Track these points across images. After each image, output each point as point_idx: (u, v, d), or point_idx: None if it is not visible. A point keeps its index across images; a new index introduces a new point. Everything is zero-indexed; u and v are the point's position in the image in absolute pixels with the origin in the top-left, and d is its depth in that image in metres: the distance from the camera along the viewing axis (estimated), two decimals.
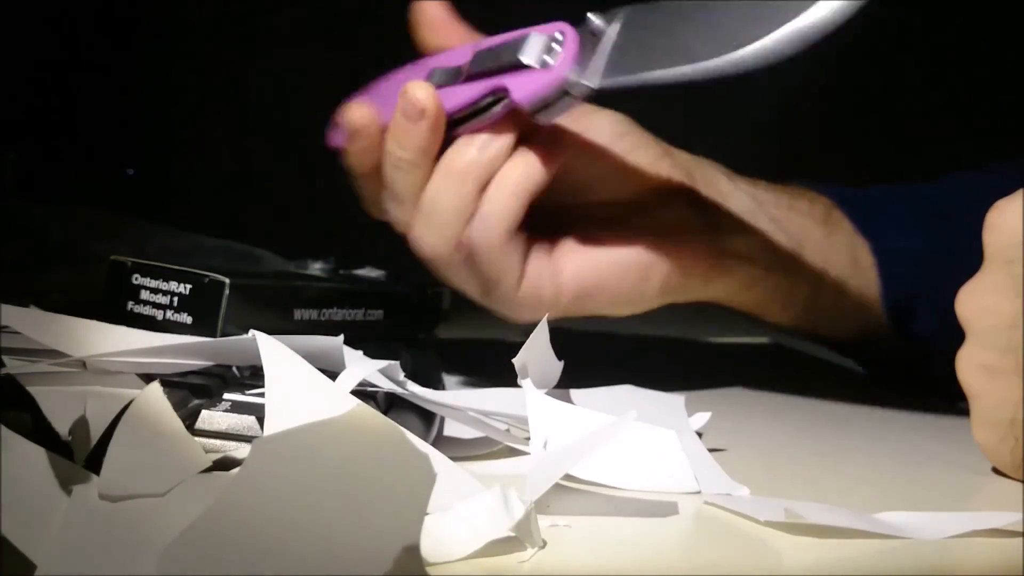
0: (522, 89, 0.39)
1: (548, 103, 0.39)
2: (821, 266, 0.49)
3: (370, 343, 0.34)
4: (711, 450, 0.35)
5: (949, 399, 0.37)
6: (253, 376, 0.32)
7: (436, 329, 0.48)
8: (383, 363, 0.32)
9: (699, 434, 0.36)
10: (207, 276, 0.35)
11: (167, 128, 1.04)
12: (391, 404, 0.32)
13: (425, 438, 0.32)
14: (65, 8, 0.89)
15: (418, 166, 0.40)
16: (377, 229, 0.43)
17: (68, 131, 0.92)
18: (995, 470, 0.34)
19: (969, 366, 0.33)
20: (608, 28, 0.38)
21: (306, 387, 0.27)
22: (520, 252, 0.41)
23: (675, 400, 0.37)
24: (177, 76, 1.04)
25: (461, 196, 0.40)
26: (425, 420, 0.33)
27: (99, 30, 0.95)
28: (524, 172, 0.40)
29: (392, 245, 0.43)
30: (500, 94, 0.39)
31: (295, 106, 1.05)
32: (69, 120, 0.92)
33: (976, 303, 0.33)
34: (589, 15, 0.39)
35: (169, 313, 0.35)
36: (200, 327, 0.35)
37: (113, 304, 0.36)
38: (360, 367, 0.31)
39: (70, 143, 0.92)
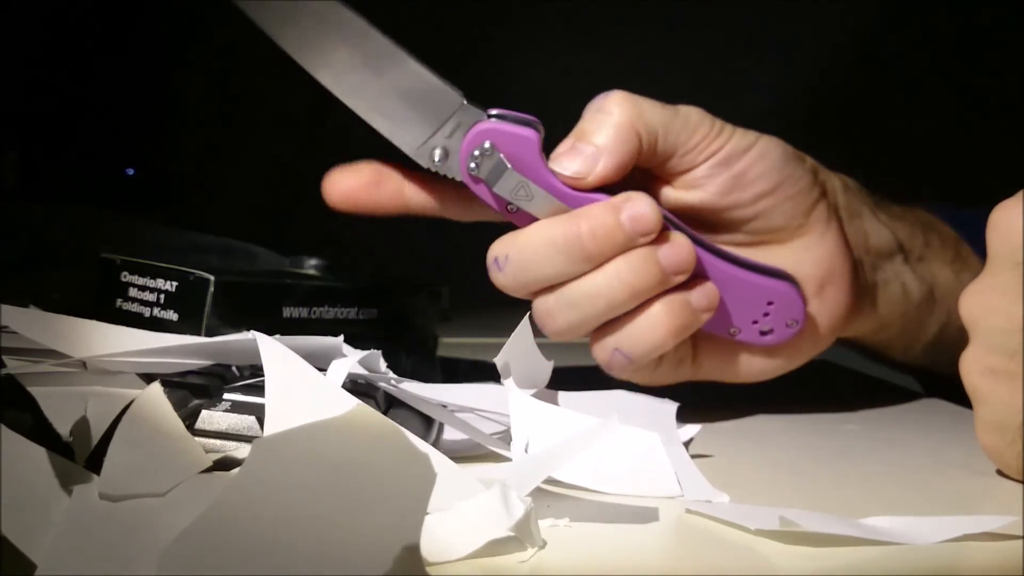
0: None
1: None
2: (946, 311, 0.47)
3: (368, 343, 0.34)
4: (702, 456, 0.35)
5: None
6: (253, 376, 0.32)
7: (436, 328, 0.48)
8: (362, 353, 0.31)
9: (689, 441, 0.36)
10: (192, 273, 0.35)
11: (167, 128, 1.04)
12: (391, 404, 0.32)
13: (425, 438, 0.32)
14: (65, 8, 0.89)
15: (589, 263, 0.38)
16: (375, 228, 0.43)
17: (68, 131, 0.92)
18: (999, 472, 0.34)
19: (975, 368, 0.33)
20: None
21: (306, 387, 0.27)
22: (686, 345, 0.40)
23: (666, 407, 0.37)
24: (177, 76, 1.04)
25: (618, 306, 0.38)
26: (425, 420, 0.33)
27: (99, 30, 0.95)
28: (676, 322, 0.38)
29: (390, 244, 0.43)
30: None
31: (296, 105, 1.05)
32: (69, 120, 0.92)
33: (982, 305, 0.33)
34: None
35: (156, 310, 0.35)
36: (185, 324, 0.35)
37: (103, 302, 0.36)
38: (344, 361, 0.31)
39: (70, 143, 0.92)
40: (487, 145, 0.37)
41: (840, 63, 1.01)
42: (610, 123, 0.38)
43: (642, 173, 0.40)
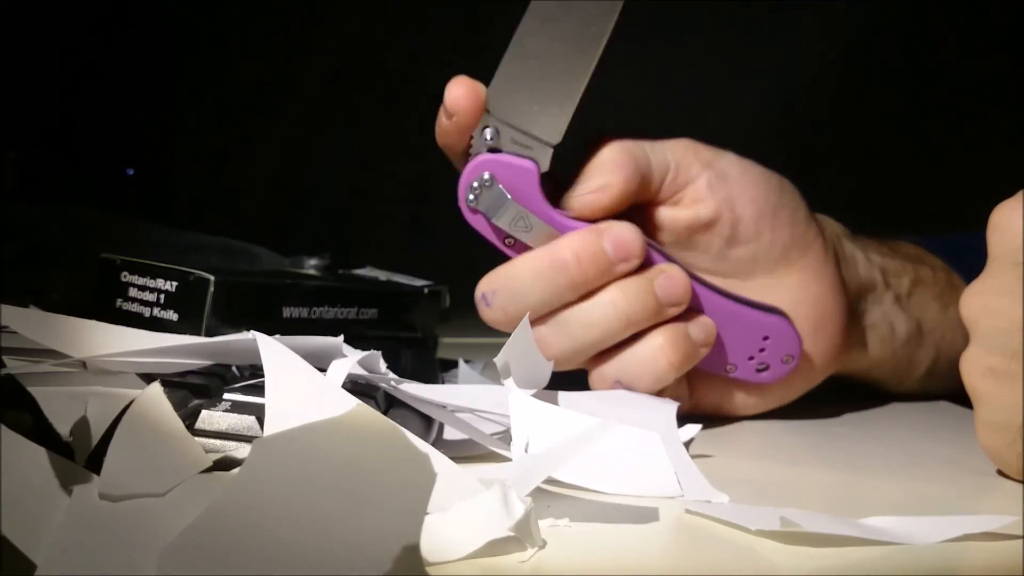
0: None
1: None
2: (935, 346, 0.48)
3: (368, 343, 0.34)
4: (702, 456, 0.35)
5: None
6: (253, 376, 0.32)
7: (436, 328, 0.48)
8: (362, 353, 0.32)
9: (691, 440, 0.36)
10: (192, 273, 0.35)
11: (167, 128, 1.04)
12: (391, 404, 0.32)
13: (425, 438, 0.32)
14: (65, 9, 0.89)
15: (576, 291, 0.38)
16: (374, 229, 0.43)
17: (68, 131, 0.92)
18: (999, 472, 0.34)
19: (975, 368, 0.33)
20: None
21: (306, 387, 0.27)
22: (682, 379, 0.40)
23: (667, 406, 0.37)
24: (177, 76, 1.04)
25: (613, 335, 0.38)
26: (425, 420, 0.33)
27: (99, 30, 0.95)
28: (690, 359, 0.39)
29: (390, 244, 0.43)
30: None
31: (296, 106, 1.05)
32: (69, 120, 0.92)
33: (982, 305, 0.33)
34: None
35: (156, 310, 0.35)
36: (185, 324, 0.35)
37: (103, 302, 0.36)
38: (344, 361, 0.31)
39: (70, 143, 0.92)
40: (486, 176, 0.38)
41: (837, 66, 1.01)
42: (605, 156, 0.39)
43: (643, 207, 0.41)
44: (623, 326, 0.38)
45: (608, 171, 0.39)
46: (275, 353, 0.28)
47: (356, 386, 0.32)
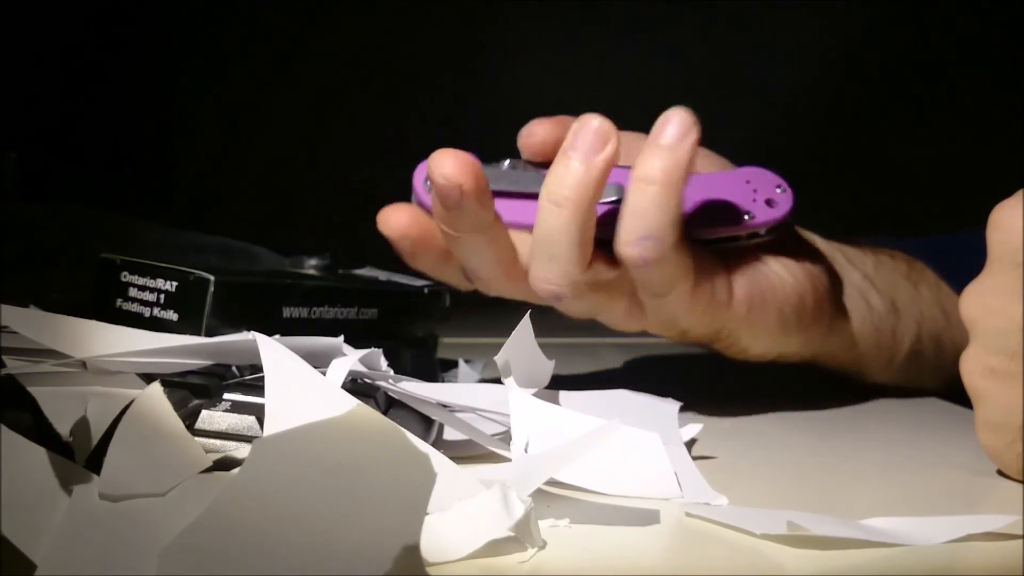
0: None
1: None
2: (915, 321, 0.49)
3: (368, 343, 0.34)
4: (704, 456, 0.35)
5: None
6: (253, 376, 0.32)
7: (436, 328, 0.48)
8: (362, 353, 0.32)
9: (693, 440, 0.36)
10: (192, 273, 0.35)
11: (167, 128, 1.04)
12: (391, 404, 0.32)
13: (425, 438, 0.32)
14: (65, 9, 0.89)
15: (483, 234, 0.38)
16: (374, 229, 0.43)
17: (68, 131, 0.92)
18: (999, 472, 0.34)
19: (975, 368, 0.33)
20: None
21: (306, 387, 0.27)
22: (688, 254, 0.38)
23: (669, 406, 0.37)
24: (177, 76, 1.04)
25: (578, 225, 0.36)
26: (425, 420, 0.33)
27: (99, 30, 0.95)
28: (664, 164, 0.36)
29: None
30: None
31: (295, 106, 1.05)
32: (69, 120, 0.92)
33: (983, 304, 0.33)
34: None
35: (156, 310, 0.35)
36: (185, 324, 0.35)
37: (103, 302, 0.36)
38: (344, 360, 0.31)
39: (70, 143, 0.92)
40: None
41: (837, 65, 1.01)
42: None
43: None
44: (583, 207, 0.36)
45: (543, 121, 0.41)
46: (275, 353, 0.28)
47: (356, 386, 0.32)
